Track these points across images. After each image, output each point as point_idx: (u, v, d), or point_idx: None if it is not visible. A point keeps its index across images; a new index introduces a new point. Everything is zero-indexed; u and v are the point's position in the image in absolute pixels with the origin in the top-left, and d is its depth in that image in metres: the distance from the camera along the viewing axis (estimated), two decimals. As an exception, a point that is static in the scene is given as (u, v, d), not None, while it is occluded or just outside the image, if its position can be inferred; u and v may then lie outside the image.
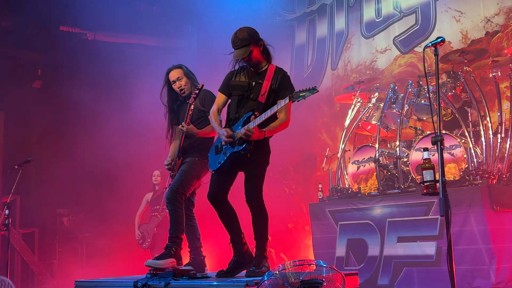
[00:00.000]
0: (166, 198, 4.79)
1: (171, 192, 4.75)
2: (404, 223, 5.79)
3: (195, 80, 5.12)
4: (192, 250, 5.02)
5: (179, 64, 5.13)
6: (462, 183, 5.53)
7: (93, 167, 9.37)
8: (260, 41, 4.42)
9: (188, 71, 5.10)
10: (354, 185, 6.66)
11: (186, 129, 4.80)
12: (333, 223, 6.46)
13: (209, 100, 4.91)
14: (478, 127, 5.89)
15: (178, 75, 5.04)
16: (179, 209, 4.76)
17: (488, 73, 6.23)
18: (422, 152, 5.65)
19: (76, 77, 9.34)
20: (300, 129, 8.49)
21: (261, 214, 4.36)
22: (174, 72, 5.06)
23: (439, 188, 3.13)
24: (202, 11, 10.64)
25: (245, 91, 4.42)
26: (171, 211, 4.78)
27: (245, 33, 4.35)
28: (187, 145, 4.94)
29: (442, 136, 3.25)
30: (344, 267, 6.15)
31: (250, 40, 4.34)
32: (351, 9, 8.61)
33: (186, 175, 4.82)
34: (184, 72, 5.06)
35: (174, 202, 4.74)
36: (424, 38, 7.50)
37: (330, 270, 3.43)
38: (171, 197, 4.75)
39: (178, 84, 5.04)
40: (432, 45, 3.55)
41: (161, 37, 10.78)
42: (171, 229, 4.77)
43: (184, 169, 4.87)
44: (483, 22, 6.97)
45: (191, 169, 4.85)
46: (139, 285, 4.28)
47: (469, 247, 5.26)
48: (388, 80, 7.74)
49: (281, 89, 4.37)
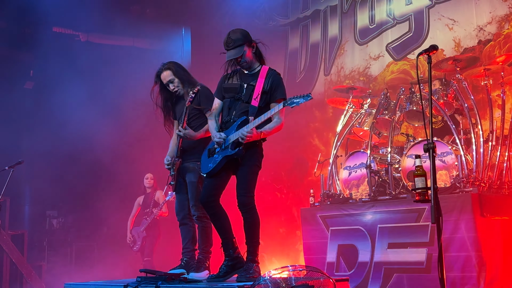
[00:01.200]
0: (196, 217, 4.84)
1: (198, 210, 4.79)
2: (395, 229, 5.80)
3: (187, 75, 5.07)
4: (186, 253, 5.00)
5: (168, 65, 5.05)
6: (453, 190, 5.55)
7: (84, 169, 9.34)
8: (252, 42, 4.43)
9: (178, 69, 5.03)
10: (345, 190, 6.67)
11: (184, 133, 4.79)
12: (324, 228, 6.46)
13: (204, 97, 4.90)
14: (469, 134, 5.92)
15: (169, 77, 5.00)
16: (207, 224, 4.81)
17: (480, 81, 6.27)
18: (413, 158, 5.70)
19: (68, 78, 9.31)
20: (292, 134, 8.51)
21: (253, 219, 4.35)
22: (164, 74, 5.01)
23: (430, 195, 3.14)
24: (195, 14, 10.65)
25: (236, 93, 4.42)
26: (201, 228, 4.86)
27: (238, 33, 4.37)
28: (186, 146, 4.93)
29: (434, 143, 3.26)
30: (334, 273, 6.15)
31: (243, 40, 4.35)
32: (344, 15, 8.65)
33: (196, 188, 4.85)
34: (174, 72, 5.00)
35: (203, 219, 4.81)
36: (417, 46, 7.54)
37: (321, 276, 3.44)
38: (199, 215, 4.80)
39: (171, 86, 5.02)
40: (425, 53, 3.56)
41: (154, 40, 10.77)
42: (201, 245, 4.86)
43: (193, 180, 4.89)
44: (476, 31, 7.02)
45: (197, 181, 4.89)
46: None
47: (459, 254, 5.28)
48: (381, 86, 7.77)
49: (272, 91, 4.38)
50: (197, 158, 4.83)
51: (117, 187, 9.08)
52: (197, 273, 4.68)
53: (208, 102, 4.79)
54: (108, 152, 9.11)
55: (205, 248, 4.85)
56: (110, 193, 9.18)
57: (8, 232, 8.69)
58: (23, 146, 9.21)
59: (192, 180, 4.90)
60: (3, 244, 8.11)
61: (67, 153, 9.24)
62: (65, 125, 9.21)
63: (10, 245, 8.60)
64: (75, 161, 9.30)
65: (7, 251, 8.50)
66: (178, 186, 5.00)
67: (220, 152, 4.35)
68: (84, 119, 9.15)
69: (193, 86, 4.97)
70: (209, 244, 4.87)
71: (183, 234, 5.03)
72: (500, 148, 5.90)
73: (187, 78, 5.05)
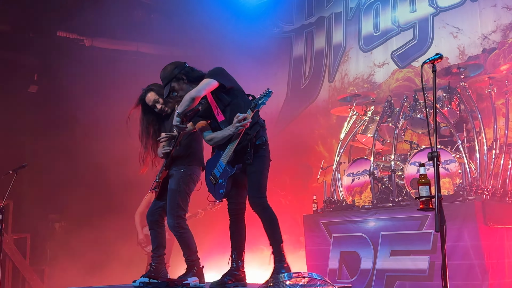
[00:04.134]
0: (170, 226, 4.74)
1: (173, 219, 4.70)
2: (397, 236, 5.79)
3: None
4: (154, 258, 4.94)
5: (150, 86, 4.96)
6: (456, 198, 5.54)
7: (87, 173, 9.34)
8: (178, 74, 4.47)
9: (159, 88, 4.85)
10: (348, 197, 6.66)
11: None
12: (326, 235, 6.45)
13: None
14: (473, 142, 5.91)
15: (153, 97, 4.91)
16: (186, 233, 4.76)
17: (484, 90, 6.27)
18: (417, 166, 5.69)
19: (72, 82, 9.32)
20: (297, 140, 8.51)
21: (269, 219, 4.32)
22: (148, 97, 4.93)
23: (434, 203, 3.14)
24: (199, 21, 10.67)
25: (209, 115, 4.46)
26: (179, 238, 4.77)
27: (164, 72, 4.51)
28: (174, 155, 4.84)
29: (439, 152, 3.26)
30: (336, 280, 6.14)
31: (168, 79, 4.46)
32: (349, 23, 8.67)
33: (179, 194, 4.76)
34: (157, 92, 4.89)
35: (178, 229, 4.73)
36: (421, 53, 7.55)
37: (324, 284, 3.43)
38: (174, 225, 4.71)
39: (158, 106, 4.93)
40: (430, 62, 3.57)
41: (158, 45, 10.79)
42: (185, 254, 4.78)
43: (173, 188, 4.77)
44: (480, 39, 7.02)
45: (181, 186, 4.77)
46: (131, 294, 4.26)
47: (462, 262, 5.27)
48: (385, 94, 7.77)
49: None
50: (180, 163, 4.78)
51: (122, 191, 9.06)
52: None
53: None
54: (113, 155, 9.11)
55: (189, 257, 4.76)
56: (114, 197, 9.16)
57: (11, 235, 8.71)
58: (26, 150, 9.22)
59: (172, 187, 4.78)
60: (5, 247, 8.11)
61: (71, 157, 9.25)
62: (69, 129, 9.24)
63: (13, 249, 8.63)
64: (79, 164, 9.30)
65: (10, 254, 8.52)
66: (160, 192, 4.92)
67: (223, 176, 4.33)
68: (88, 122, 9.17)
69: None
70: (193, 251, 4.78)
71: (152, 238, 4.97)
72: (504, 157, 5.90)
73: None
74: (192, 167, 4.83)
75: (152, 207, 5.00)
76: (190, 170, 4.81)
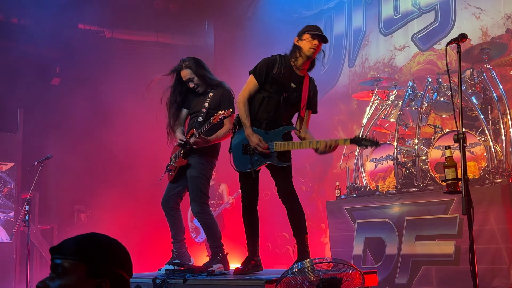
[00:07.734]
0: (195, 213, 4.81)
1: (198, 205, 4.75)
2: (422, 221, 5.74)
3: (207, 74, 4.91)
4: (175, 244, 4.99)
5: (188, 63, 4.89)
6: (482, 182, 5.46)
7: (112, 163, 9.42)
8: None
9: (197, 67, 4.87)
10: (372, 183, 6.62)
11: (194, 141, 4.68)
12: (350, 221, 6.43)
13: (227, 103, 4.80)
14: (498, 125, 5.82)
15: (188, 75, 4.87)
16: (210, 219, 4.82)
17: (508, 71, 6.16)
18: (441, 150, 5.63)
19: (94, 74, 9.40)
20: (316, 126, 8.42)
21: (296, 209, 4.35)
22: (184, 73, 4.89)
23: (461, 186, 3.10)
24: (219, 9, 10.65)
25: (285, 91, 4.27)
26: (203, 223, 4.83)
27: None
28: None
29: (465, 133, 3.21)
30: (361, 266, 6.12)
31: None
32: (369, 6, 8.56)
33: (201, 181, 4.81)
34: (194, 71, 4.85)
35: (203, 215, 4.79)
36: (443, 36, 7.43)
37: (349, 268, 3.42)
38: (199, 210, 4.76)
39: (191, 84, 4.91)
40: (454, 42, 3.51)
41: (178, 35, 10.81)
42: (209, 240, 4.84)
43: (195, 175, 4.81)
44: (504, 19, 6.88)
45: (202, 174, 4.82)
46: (158, 281, 4.30)
47: (489, 246, 5.21)
48: (406, 77, 7.68)
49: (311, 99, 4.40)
50: (200, 153, 4.80)
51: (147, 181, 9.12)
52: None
53: (229, 108, 4.64)
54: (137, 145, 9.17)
55: (213, 243, 4.80)
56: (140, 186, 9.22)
57: (38, 226, 8.86)
58: (50, 141, 9.33)
59: (194, 175, 4.80)
60: (33, 238, 8.26)
61: (95, 148, 9.35)
62: (91, 120, 9.32)
63: (40, 239, 8.78)
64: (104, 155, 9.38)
65: (37, 245, 8.68)
66: (176, 176, 4.95)
67: (262, 159, 4.24)
68: (110, 113, 9.24)
69: (213, 85, 4.90)
70: (217, 238, 4.81)
71: (170, 225, 5.01)
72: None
73: (207, 76, 4.91)
74: (210, 157, 4.89)
75: (166, 193, 5.04)
76: (209, 159, 4.88)
